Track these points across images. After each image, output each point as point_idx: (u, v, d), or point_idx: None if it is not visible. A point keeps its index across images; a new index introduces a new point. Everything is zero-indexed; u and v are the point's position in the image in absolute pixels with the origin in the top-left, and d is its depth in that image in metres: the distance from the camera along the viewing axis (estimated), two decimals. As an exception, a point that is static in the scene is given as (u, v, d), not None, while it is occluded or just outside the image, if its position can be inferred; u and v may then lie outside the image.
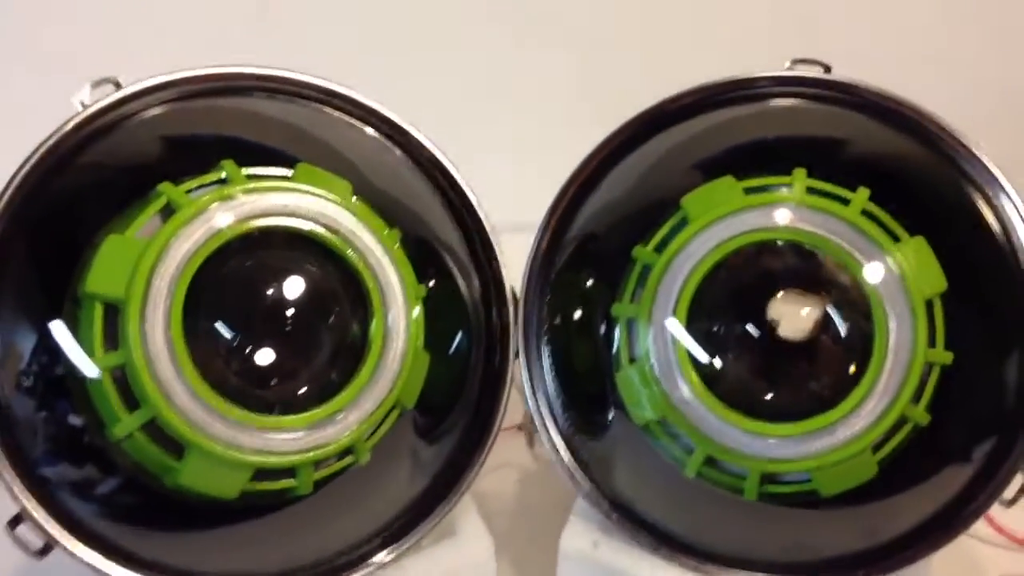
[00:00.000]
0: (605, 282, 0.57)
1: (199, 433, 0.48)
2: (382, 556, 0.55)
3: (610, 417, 0.57)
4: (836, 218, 0.52)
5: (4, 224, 0.49)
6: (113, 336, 0.48)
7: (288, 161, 0.53)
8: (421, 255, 0.56)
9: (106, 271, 0.48)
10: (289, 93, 0.55)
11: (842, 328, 0.52)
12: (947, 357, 0.52)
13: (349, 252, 0.52)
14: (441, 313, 0.56)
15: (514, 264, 0.59)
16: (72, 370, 0.48)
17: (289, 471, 0.51)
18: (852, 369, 0.52)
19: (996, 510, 0.61)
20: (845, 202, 0.53)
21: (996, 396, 0.54)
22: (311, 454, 0.50)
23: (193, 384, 0.48)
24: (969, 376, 0.53)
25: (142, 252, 0.48)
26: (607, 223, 0.58)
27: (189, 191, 0.50)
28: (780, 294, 0.53)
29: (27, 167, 0.49)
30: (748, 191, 0.54)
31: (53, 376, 0.49)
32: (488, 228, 0.58)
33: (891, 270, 0.52)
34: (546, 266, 0.59)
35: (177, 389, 0.48)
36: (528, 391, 0.58)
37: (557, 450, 0.58)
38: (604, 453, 0.58)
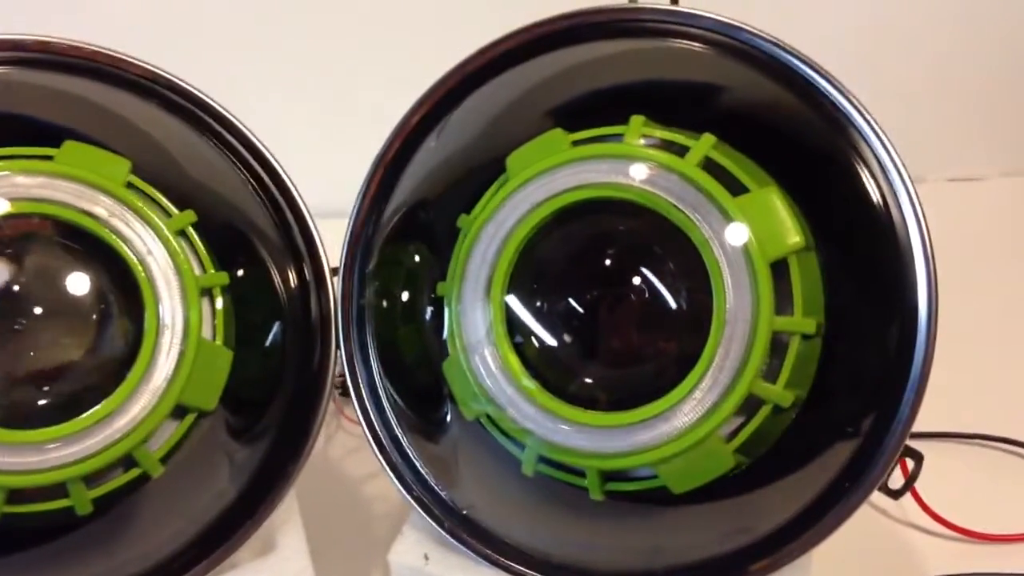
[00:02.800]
0: (433, 259, 0.50)
1: (-67, 453, 0.43)
2: (184, 577, 0.49)
3: (444, 413, 0.50)
4: (669, 171, 0.45)
5: None
6: None
7: (58, 139, 0.47)
8: (226, 241, 0.50)
9: None
10: (63, 64, 0.49)
11: (676, 300, 0.45)
12: (806, 325, 0.44)
13: (109, 238, 0.46)
14: (251, 303, 0.50)
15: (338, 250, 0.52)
16: None
17: (57, 489, 0.45)
18: (689, 347, 0.44)
19: (936, 499, 0.58)
20: (684, 152, 0.46)
21: (872, 368, 0.46)
22: (72, 469, 0.44)
23: None
24: (843, 346, 0.46)
25: None
26: (432, 192, 0.51)
27: None
28: (606, 264, 0.45)
29: None
30: (578, 144, 0.47)
31: None
32: (303, 208, 0.52)
33: (728, 228, 0.44)
34: (366, 244, 0.52)
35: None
36: (352, 388, 0.51)
37: (386, 452, 0.51)
38: (440, 454, 0.51)
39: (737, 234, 0.44)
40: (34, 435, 0.44)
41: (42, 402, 0.45)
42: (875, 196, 0.46)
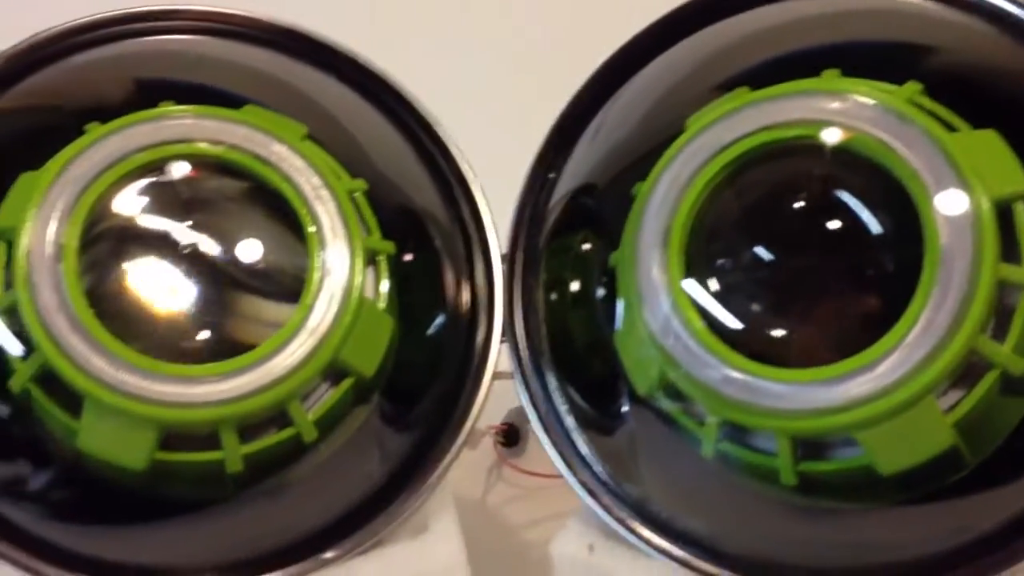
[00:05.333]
0: (604, 240, 0.47)
1: (91, 379, 0.41)
2: (330, 553, 0.45)
3: (618, 402, 0.46)
4: (871, 104, 0.41)
5: None
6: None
7: (237, 105, 0.48)
8: (396, 219, 0.48)
9: (10, 204, 0.44)
10: (243, 35, 0.50)
11: (881, 245, 0.40)
12: None
13: (274, 177, 0.45)
14: (416, 285, 0.48)
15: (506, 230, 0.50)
16: None
17: (210, 439, 0.43)
18: (898, 297, 0.39)
19: None
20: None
21: None
22: (225, 408, 0.42)
23: (84, 322, 0.42)
24: None
25: (39, 178, 0.43)
26: (607, 167, 0.49)
27: None
28: (800, 207, 0.41)
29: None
30: (766, 96, 0.44)
31: None
32: (475, 189, 0.50)
33: (941, 162, 0.40)
34: (533, 228, 0.49)
35: (62, 326, 0.41)
36: (519, 377, 0.48)
37: (553, 438, 0.47)
38: (613, 446, 0.47)
39: (952, 168, 0.39)
40: (187, 369, 0.42)
41: (215, 342, 0.43)
42: None
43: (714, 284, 0.42)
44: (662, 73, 0.49)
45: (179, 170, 0.45)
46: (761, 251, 0.42)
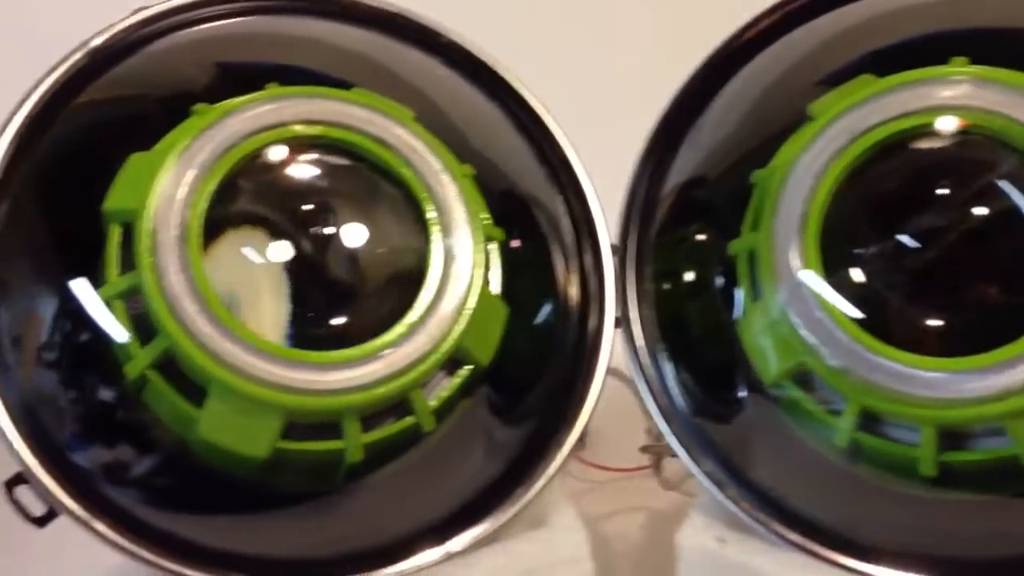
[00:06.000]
0: (723, 223, 0.46)
1: (218, 363, 0.40)
2: (450, 545, 0.44)
3: (738, 390, 0.45)
4: (1013, 90, 0.41)
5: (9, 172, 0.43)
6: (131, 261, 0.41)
7: (343, 88, 0.46)
8: (500, 202, 0.47)
9: (125, 186, 0.42)
10: (349, 17, 0.49)
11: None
12: None
13: (395, 161, 0.44)
14: (524, 268, 0.47)
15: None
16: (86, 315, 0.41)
17: (330, 428, 0.42)
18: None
19: None
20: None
21: None
22: (356, 396, 0.41)
23: (212, 306, 0.40)
24: None
25: (159, 160, 0.42)
26: (720, 156, 0.48)
27: None
28: (938, 192, 0.41)
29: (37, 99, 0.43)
30: (893, 85, 0.43)
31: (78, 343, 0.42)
32: (582, 178, 0.49)
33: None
34: (644, 220, 0.48)
35: (191, 310, 0.40)
36: (634, 368, 0.47)
37: (675, 427, 0.46)
38: (735, 433, 0.46)
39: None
40: (315, 355, 0.41)
41: (335, 328, 0.42)
42: None
43: (855, 272, 0.41)
44: (774, 63, 0.48)
45: (298, 152, 0.43)
46: (903, 238, 0.41)
